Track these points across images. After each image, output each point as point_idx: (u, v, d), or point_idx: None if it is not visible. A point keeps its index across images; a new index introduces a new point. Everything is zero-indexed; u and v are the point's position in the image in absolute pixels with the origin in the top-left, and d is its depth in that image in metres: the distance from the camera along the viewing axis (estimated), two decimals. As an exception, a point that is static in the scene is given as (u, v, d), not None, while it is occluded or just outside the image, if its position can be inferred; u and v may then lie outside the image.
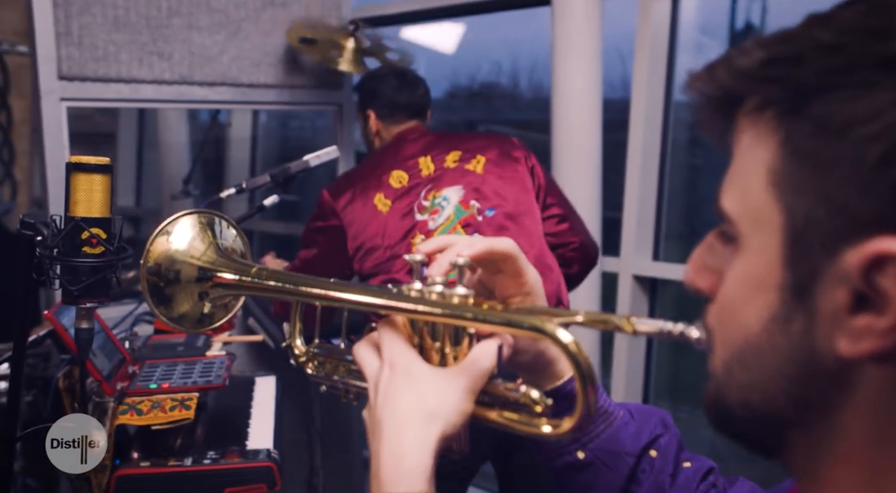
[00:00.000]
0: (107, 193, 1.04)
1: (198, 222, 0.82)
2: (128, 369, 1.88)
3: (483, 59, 5.29)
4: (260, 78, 2.84)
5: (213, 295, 0.82)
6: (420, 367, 0.71)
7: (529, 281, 0.79)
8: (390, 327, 0.73)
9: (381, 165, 2.31)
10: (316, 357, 0.83)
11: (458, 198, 2.25)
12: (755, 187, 0.53)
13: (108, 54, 2.52)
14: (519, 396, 0.71)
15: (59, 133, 2.46)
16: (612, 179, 3.32)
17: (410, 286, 0.73)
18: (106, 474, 1.71)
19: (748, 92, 0.54)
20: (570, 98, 2.93)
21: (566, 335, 0.65)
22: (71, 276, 1.00)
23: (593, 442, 0.83)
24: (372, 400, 0.72)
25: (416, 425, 0.68)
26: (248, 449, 1.80)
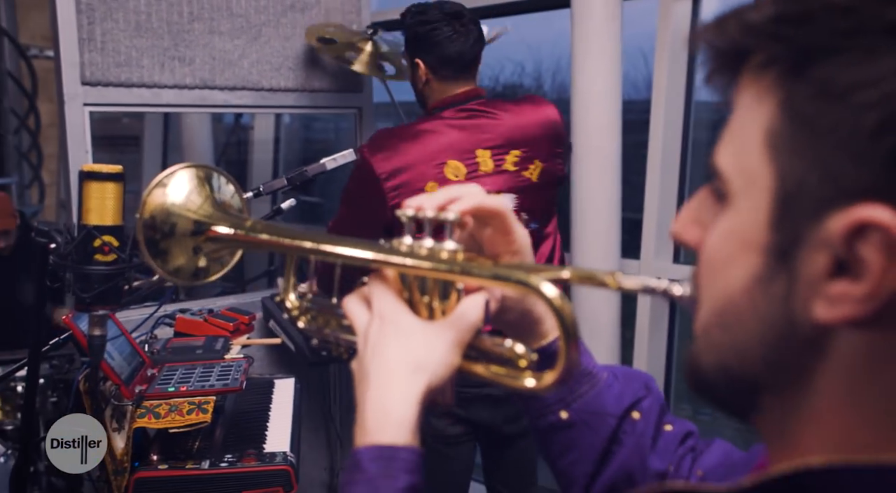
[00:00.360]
0: (119, 201, 1.05)
1: (195, 176, 0.82)
2: (147, 372, 1.90)
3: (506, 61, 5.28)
4: (280, 82, 2.85)
5: (207, 249, 0.83)
6: (409, 319, 0.72)
7: (518, 239, 0.80)
8: (380, 280, 0.75)
9: (436, 147, 2.18)
10: (308, 311, 0.84)
11: (511, 207, 2.26)
12: (751, 147, 0.52)
13: (131, 59, 2.55)
14: (504, 350, 0.72)
15: (83, 138, 2.49)
16: (634, 180, 3.30)
17: (401, 241, 0.73)
18: (125, 476, 1.73)
19: (754, 48, 0.53)
20: (589, 100, 2.92)
21: (551, 289, 0.66)
22: (83, 283, 1.01)
23: (576, 403, 0.84)
24: (361, 351, 0.73)
25: (403, 376, 0.69)
26: (265, 452, 1.82)
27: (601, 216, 2.92)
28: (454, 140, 2.21)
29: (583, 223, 2.92)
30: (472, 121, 2.25)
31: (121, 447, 1.77)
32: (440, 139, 2.21)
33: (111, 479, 1.79)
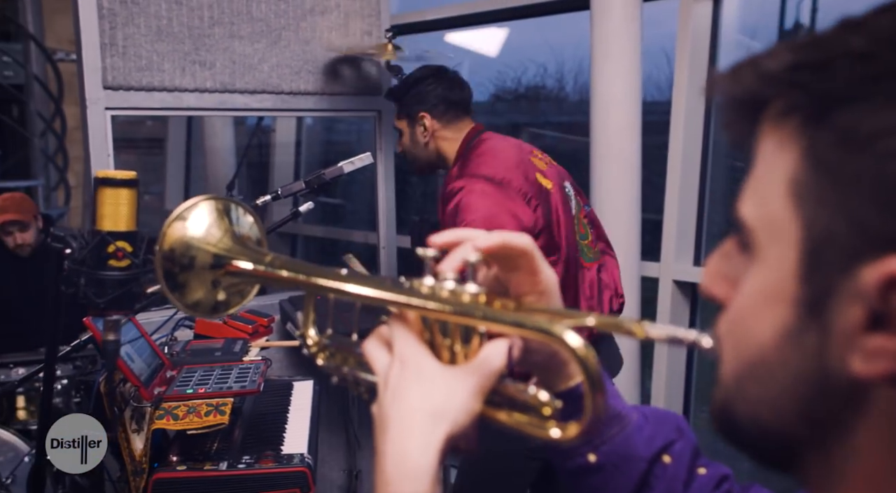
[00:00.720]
0: (133, 207, 1.06)
1: (214, 209, 0.82)
2: (166, 374, 1.92)
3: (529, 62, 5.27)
4: (300, 85, 2.87)
5: (226, 283, 0.82)
6: (430, 364, 0.70)
7: (545, 280, 0.78)
8: (401, 322, 0.73)
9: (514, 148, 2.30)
10: (327, 348, 0.83)
11: (573, 191, 2.37)
12: (774, 196, 0.51)
13: (152, 64, 2.58)
14: (528, 397, 0.70)
15: (104, 141, 2.52)
16: (656, 181, 3.28)
17: (422, 281, 0.72)
18: (144, 477, 1.75)
19: (773, 96, 0.51)
20: (609, 101, 2.91)
21: (575, 339, 0.64)
22: (97, 288, 1.02)
23: (605, 445, 0.81)
24: (380, 395, 0.71)
25: (423, 424, 0.67)
26: (282, 454, 1.82)
27: (621, 218, 2.91)
28: (516, 144, 2.35)
29: (603, 223, 2.91)
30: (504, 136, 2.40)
31: (140, 448, 1.78)
32: (510, 143, 2.34)
33: (130, 479, 1.81)
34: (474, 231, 0.76)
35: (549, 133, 5.26)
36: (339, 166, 2.15)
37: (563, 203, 2.27)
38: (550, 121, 5.30)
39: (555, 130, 5.25)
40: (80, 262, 1.02)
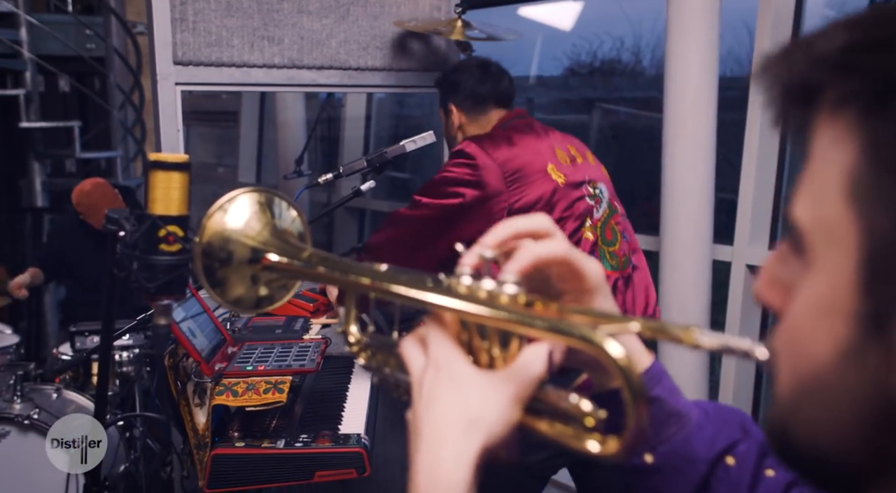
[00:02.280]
0: (184, 190, 1.05)
1: (256, 202, 0.80)
2: (227, 350, 1.94)
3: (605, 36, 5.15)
4: (368, 61, 2.85)
5: (265, 278, 0.80)
6: (466, 370, 0.67)
7: (589, 276, 0.74)
8: (438, 323, 0.69)
9: (538, 138, 2.25)
10: (368, 347, 0.80)
11: (608, 195, 2.31)
12: (830, 196, 0.46)
13: (221, 39, 2.59)
14: (570, 406, 0.66)
15: (174, 116, 2.55)
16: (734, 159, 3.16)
17: (460, 280, 0.68)
18: (206, 451, 1.78)
19: (827, 83, 0.46)
20: (684, 76, 2.80)
21: (616, 348, 0.60)
22: (148, 273, 1.02)
23: (663, 445, 0.76)
24: (415, 401, 0.68)
25: (457, 435, 0.64)
26: (339, 434, 1.83)
27: (692, 199, 2.81)
28: (549, 133, 2.29)
29: (673, 207, 2.82)
30: (542, 127, 2.35)
31: (202, 422, 1.81)
32: (539, 131, 2.28)
33: (194, 452, 1.85)
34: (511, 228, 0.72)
35: (622, 109, 5.14)
36: (401, 145, 2.14)
37: (574, 200, 2.19)
38: (624, 96, 5.19)
39: (628, 106, 5.13)
40: (132, 246, 1.02)
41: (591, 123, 5.07)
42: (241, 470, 1.71)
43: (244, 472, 1.71)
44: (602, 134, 4.97)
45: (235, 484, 1.74)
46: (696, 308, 2.76)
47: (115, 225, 1.06)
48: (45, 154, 5.64)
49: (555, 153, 2.21)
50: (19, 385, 2.81)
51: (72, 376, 3.12)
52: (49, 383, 3.01)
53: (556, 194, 2.15)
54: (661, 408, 0.76)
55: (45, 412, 2.74)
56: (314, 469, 1.72)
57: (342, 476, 1.75)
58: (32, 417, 2.69)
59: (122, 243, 1.05)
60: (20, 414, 2.69)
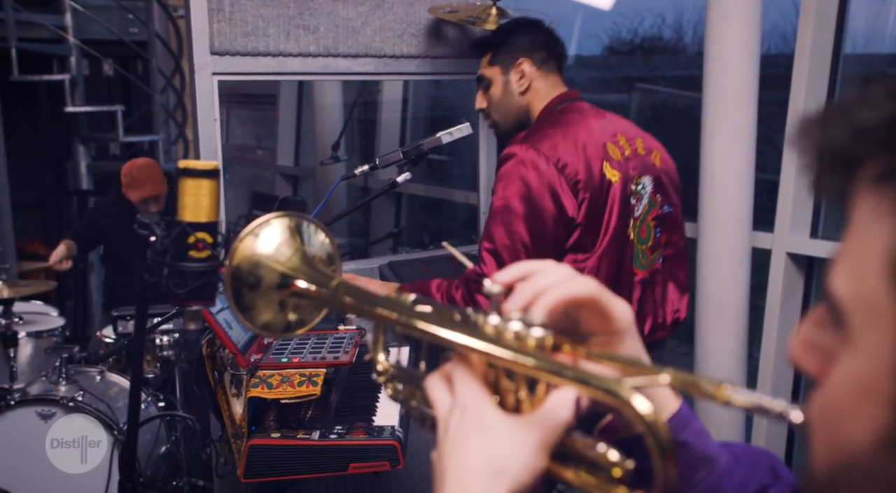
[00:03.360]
0: (214, 197, 1.06)
1: (286, 227, 0.80)
2: (264, 341, 1.97)
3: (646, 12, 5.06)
4: (403, 49, 2.84)
5: (292, 304, 0.81)
6: (492, 415, 0.66)
7: (617, 320, 0.73)
8: (465, 363, 0.69)
9: (592, 129, 2.16)
10: (396, 378, 0.81)
11: (650, 188, 2.24)
12: (871, 273, 0.44)
13: (257, 29, 2.60)
14: (597, 455, 0.65)
15: (211, 106, 2.57)
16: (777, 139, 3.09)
17: (487, 319, 0.68)
18: (244, 440, 1.81)
19: (870, 156, 0.44)
20: (725, 54, 2.73)
21: (643, 404, 0.58)
22: (178, 279, 1.03)
23: (692, 491, 0.75)
24: (440, 442, 0.68)
25: (481, 484, 0.63)
26: (373, 426, 1.84)
27: (731, 184, 2.76)
28: (600, 125, 2.20)
29: (711, 194, 2.77)
30: (594, 111, 2.26)
31: (239, 413, 1.84)
32: (591, 123, 2.18)
33: (231, 441, 1.88)
34: (539, 265, 0.71)
35: (661, 89, 5.06)
36: (437, 137, 2.13)
37: (623, 201, 2.13)
38: (665, 75, 5.10)
39: (669, 86, 5.04)
40: (162, 252, 1.03)
41: (630, 103, 5.00)
42: (276, 461, 1.74)
43: (280, 463, 1.74)
44: (641, 114, 4.90)
45: (271, 474, 1.77)
46: (733, 300, 2.72)
47: (147, 229, 1.08)
48: (90, 138, 5.75)
49: (608, 150, 2.13)
50: (64, 367, 2.88)
51: (114, 359, 3.19)
52: (93, 366, 3.09)
53: (612, 194, 2.10)
54: (689, 452, 0.75)
55: (88, 393, 2.81)
56: (348, 461, 1.74)
57: (376, 469, 1.77)
58: (77, 398, 2.76)
59: (152, 249, 1.07)
60: (65, 396, 2.76)
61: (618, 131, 2.21)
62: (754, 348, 2.98)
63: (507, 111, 2.32)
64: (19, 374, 3.09)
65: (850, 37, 2.89)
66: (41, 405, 2.77)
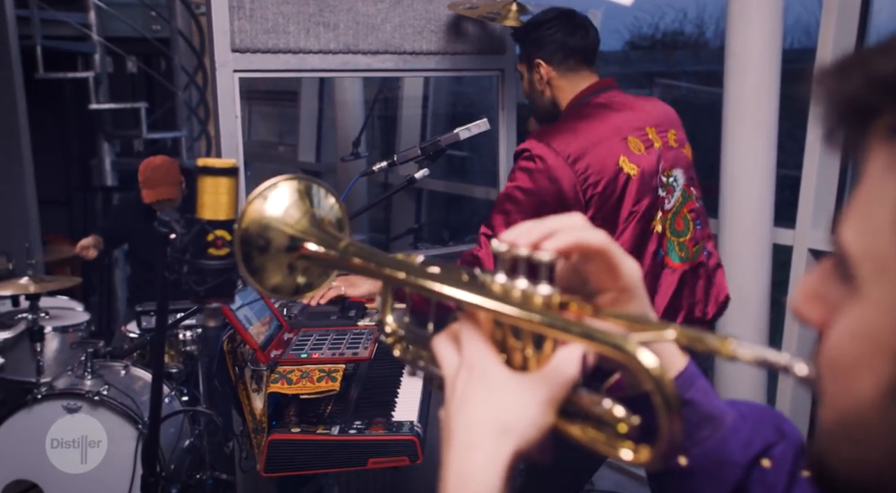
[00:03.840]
0: (232, 195, 1.07)
1: (295, 189, 0.79)
2: (284, 337, 1.98)
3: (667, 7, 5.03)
4: (422, 45, 2.84)
5: (301, 266, 0.80)
6: (499, 373, 0.66)
7: (626, 275, 0.73)
8: (472, 321, 0.69)
9: (614, 123, 2.15)
10: (403, 339, 0.80)
11: (683, 181, 2.23)
12: (882, 225, 0.44)
13: (278, 26, 2.62)
14: (603, 411, 0.65)
15: (232, 102, 2.59)
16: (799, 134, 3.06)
17: (494, 278, 0.68)
18: (264, 435, 1.83)
19: (884, 107, 0.44)
20: (746, 48, 2.72)
21: (649, 358, 0.59)
22: (197, 276, 1.04)
23: (697, 448, 0.75)
24: (447, 400, 0.68)
25: (488, 440, 0.63)
26: (393, 421, 1.85)
27: (752, 180, 2.75)
28: (624, 118, 2.18)
29: (732, 189, 2.76)
30: (625, 102, 2.24)
31: (259, 408, 1.86)
32: (613, 117, 2.18)
33: (252, 436, 1.90)
34: (550, 224, 0.71)
35: (682, 84, 5.03)
36: (455, 133, 2.14)
37: (641, 194, 2.11)
38: (686, 70, 5.07)
39: (690, 81, 5.01)
40: (182, 250, 1.05)
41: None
42: (296, 456, 1.76)
43: (299, 458, 1.75)
44: (663, 110, 4.87)
45: (291, 469, 1.79)
46: (754, 296, 2.71)
47: (166, 227, 1.09)
48: (114, 134, 5.81)
49: (628, 143, 2.12)
50: (90, 362, 2.92)
51: (139, 354, 3.23)
52: (118, 360, 3.13)
53: (628, 187, 2.09)
54: (694, 411, 0.75)
55: (113, 388, 2.85)
56: (368, 456, 1.76)
57: (395, 464, 1.79)
58: (102, 393, 2.79)
59: (172, 247, 1.08)
60: (91, 390, 2.80)
61: (646, 124, 2.19)
62: (775, 344, 2.96)
63: (538, 105, 2.36)
64: (46, 368, 3.14)
65: (874, 30, 2.86)
66: (67, 399, 2.81)
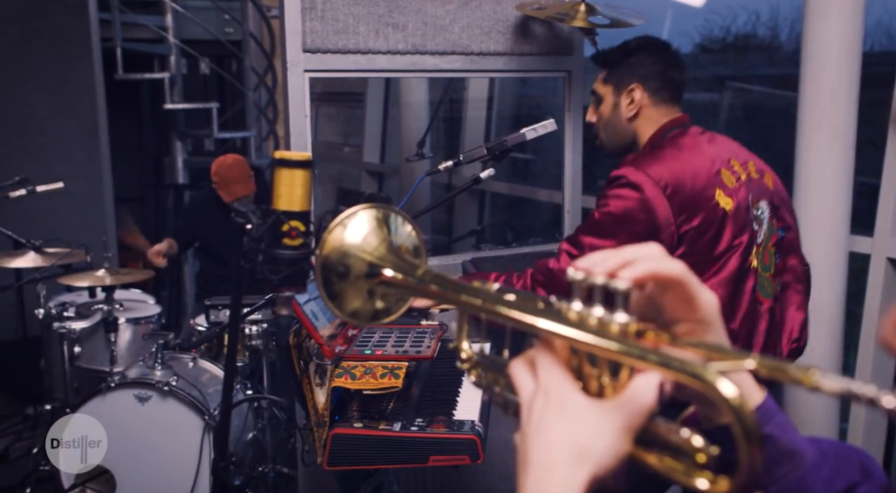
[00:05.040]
0: (307, 187, 1.10)
1: (374, 218, 0.82)
2: (348, 333, 2.01)
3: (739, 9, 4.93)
4: (490, 46, 2.84)
5: (380, 292, 0.83)
6: (575, 399, 0.66)
7: (702, 307, 0.72)
8: (548, 348, 0.69)
9: (706, 155, 2.09)
10: (480, 365, 0.82)
11: (768, 213, 2.17)
12: None
13: (348, 27, 2.65)
14: (680, 441, 0.65)
15: (303, 102, 2.63)
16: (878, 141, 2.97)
17: (570, 306, 0.68)
18: (326, 429, 1.85)
19: None
20: (824, 51, 2.65)
21: (728, 388, 0.58)
22: (272, 266, 1.07)
23: (776, 485, 0.73)
24: (524, 426, 0.69)
25: (565, 465, 0.64)
26: (454, 419, 1.86)
27: (827, 187, 2.67)
28: (712, 151, 2.13)
29: (807, 196, 2.69)
30: (709, 137, 2.19)
31: (322, 402, 1.89)
32: (705, 149, 2.13)
33: (314, 429, 1.93)
34: (627, 253, 0.71)
35: (755, 88, 4.93)
36: (521, 133, 2.14)
37: (739, 228, 2.06)
38: (758, 74, 4.96)
39: (763, 85, 4.90)
40: (258, 239, 1.07)
41: (720, 102, 4.88)
42: (358, 450, 1.77)
43: (362, 452, 1.77)
44: (732, 114, 4.78)
45: (353, 463, 1.81)
46: (829, 307, 2.63)
47: (243, 218, 1.12)
48: (187, 134, 5.97)
49: (721, 177, 2.06)
50: (160, 353, 3.01)
51: (206, 347, 3.31)
52: (186, 352, 3.22)
53: (725, 222, 2.03)
54: (773, 446, 0.73)
55: (182, 379, 2.93)
56: (429, 454, 1.76)
57: (456, 462, 1.79)
58: (171, 383, 2.88)
59: (248, 237, 1.11)
60: (160, 380, 2.89)
61: (731, 156, 2.14)
62: (850, 356, 2.87)
63: (614, 132, 2.26)
64: (118, 358, 3.25)
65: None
66: (138, 388, 2.90)
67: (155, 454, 2.91)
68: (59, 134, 5.02)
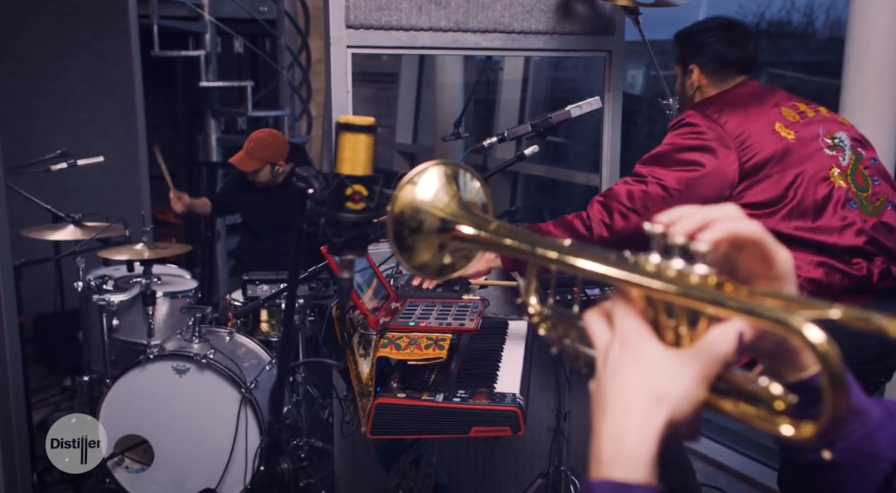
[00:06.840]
0: (370, 152, 1.11)
1: (443, 174, 0.83)
2: (391, 305, 2.03)
3: (775, -6, 4.87)
4: (531, 25, 2.84)
5: (451, 247, 0.83)
6: (652, 346, 0.68)
7: (779, 264, 0.72)
8: (625, 299, 0.70)
9: (764, 98, 2.28)
10: (549, 318, 0.82)
11: (850, 142, 2.27)
12: None
13: (391, 3, 2.66)
14: (758, 389, 0.65)
15: (345, 78, 2.65)
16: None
17: (648, 259, 0.69)
18: (369, 399, 1.87)
19: None
20: (868, 39, 2.61)
21: (815, 333, 0.58)
22: (335, 229, 1.09)
23: (843, 442, 0.74)
24: (599, 372, 0.70)
25: (642, 407, 0.65)
26: (495, 392, 1.87)
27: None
28: (773, 94, 2.31)
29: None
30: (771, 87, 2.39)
31: (366, 372, 1.91)
32: (763, 93, 2.31)
33: (357, 400, 1.95)
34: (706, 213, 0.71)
35: (790, 74, 4.87)
36: (566, 110, 2.13)
37: (806, 154, 2.17)
38: (793, 61, 4.90)
39: (798, 71, 4.85)
40: (321, 202, 1.09)
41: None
42: (402, 420, 1.79)
43: (405, 422, 1.79)
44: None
45: (396, 433, 1.83)
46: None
47: (305, 182, 1.14)
48: (221, 112, 6.00)
49: (781, 112, 2.23)
50: (198, 327, 3.05)
51: (242, 322, 3.35)
52: (222, 327, 3.26)
53: (789, 152, 2.15)
54: None
55: (219, 352, 2.97)
56: (471, 424, 1.78)
57: (497, 433, 1.80)
58: (209, 356, 2.92)
59: (311, 200, 1.13)
60: (198, 353, 2.93)
61: (795, 100, 2.30)
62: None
63: (685, 100, 2.50)
64: (156, 331, 3.29)
65: None
66: (177, 360, 2.94)
67: (192, 426, 2.96)
68: (97, 110, 5.07)
